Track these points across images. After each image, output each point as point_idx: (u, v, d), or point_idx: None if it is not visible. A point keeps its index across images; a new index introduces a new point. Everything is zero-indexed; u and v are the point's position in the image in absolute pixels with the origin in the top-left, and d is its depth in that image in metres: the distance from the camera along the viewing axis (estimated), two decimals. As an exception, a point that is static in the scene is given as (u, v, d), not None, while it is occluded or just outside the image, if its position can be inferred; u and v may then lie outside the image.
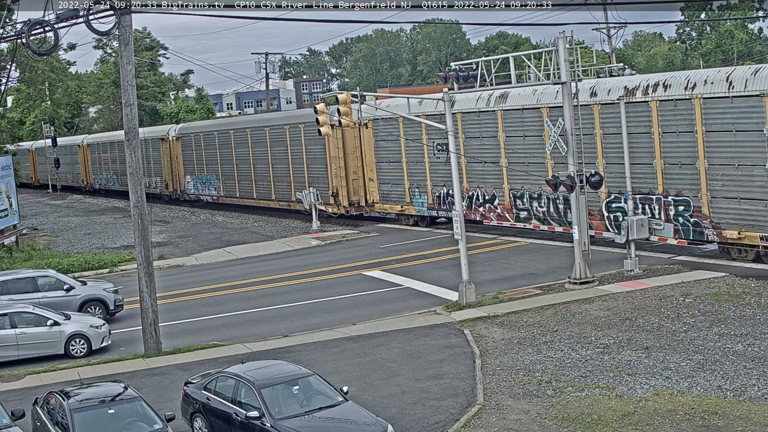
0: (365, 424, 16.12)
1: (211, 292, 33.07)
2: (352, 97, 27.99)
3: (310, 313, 28.42)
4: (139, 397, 17.16)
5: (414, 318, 26.21)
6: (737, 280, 26.77)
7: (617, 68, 39.62)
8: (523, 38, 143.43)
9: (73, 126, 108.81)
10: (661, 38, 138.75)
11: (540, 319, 24.51)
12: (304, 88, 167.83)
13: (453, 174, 27.58)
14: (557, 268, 30.96)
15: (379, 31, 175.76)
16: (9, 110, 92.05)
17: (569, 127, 27.91)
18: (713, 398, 17.74)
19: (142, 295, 24.67)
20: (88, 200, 77.80)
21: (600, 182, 28.26)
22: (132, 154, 24.59)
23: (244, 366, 18.24)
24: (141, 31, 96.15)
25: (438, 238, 40.15)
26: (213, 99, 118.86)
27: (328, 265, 36.43)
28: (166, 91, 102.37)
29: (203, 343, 25.18)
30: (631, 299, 25.70)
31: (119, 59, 25.17)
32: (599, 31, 67.07)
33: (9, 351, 24.81)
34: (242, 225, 51.99)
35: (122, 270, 38.57)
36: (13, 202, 45.44)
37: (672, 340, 21.64)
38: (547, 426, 17.04)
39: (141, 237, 24.66)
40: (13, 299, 27.80)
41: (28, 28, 24.16)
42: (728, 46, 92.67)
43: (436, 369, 21.04)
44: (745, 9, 73.73)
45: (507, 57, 29.36)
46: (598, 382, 19.14)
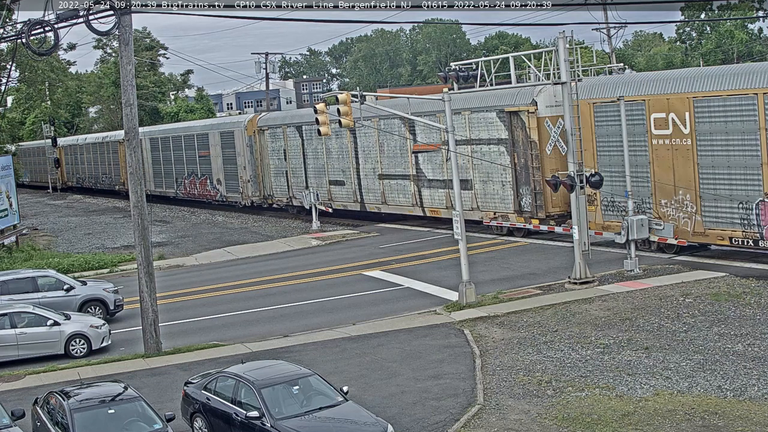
0: (365, 424, 16.11)
1: (211, 292, 33.08)
2: (352, 97, 28.01)
3: (310, 313, 28.42)
4: (139, 397, 17.15)
5: (414, 318, 26.21)
6: (737, 280, 26.78)
7: (617, 68, 39.66)
8: (523, 38, 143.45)
9: (73, 126, 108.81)
10: (661, 38, 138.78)
11: (540, 319, 24.51)
12: (304, 88, 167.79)
13: (453, 174, 27.56)
14: (557, 268, 30.97)
15: (379, 31, 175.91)
16: (9, 110, 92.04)
17: (569, 127, 27.93)
18: (713, 398, 17.74)
19: (142, 295, 24.67)
20: (87, 200, 77.81)
21: (600, 182, 28.26)
22: (132, 154, 24.60)
23: (244, 366, 18.23)
24: (141, 31, 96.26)
25: (438, 238, 40.16)
26: (213, 99, 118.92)
27: (328, 265, 36.44)
28: (166, 91, 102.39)
29: (203, 343, 25.18)
30: (631, 299, 25.71)
31: (119, 59, 25.17)
32: (599, 31, 67.04)
33: (9, 351, 24.81)
34: (242, 225, 52.00)
35: (122, 270, 38.57)
36: (13, 202, 45.44)
37: (672, 340, 21.64)
38: (547, 426, 17.04)
39: (141, 237, 24.66)
40: (13, 299, 27.80)
41: (28, 28, 24.14)
42: (728, 46, 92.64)
43: (436, 369, 21.04)
44: (745, 9, 73.72)
45: (507, 57, 29.38)
46: (598, 382, 19.14)
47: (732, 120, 28.15)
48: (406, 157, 42.84)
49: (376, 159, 44.74)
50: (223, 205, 60.15)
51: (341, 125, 28.00)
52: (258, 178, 55.04)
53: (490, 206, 38.48)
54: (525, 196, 36.50)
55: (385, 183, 44.46)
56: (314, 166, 49.82)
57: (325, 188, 48.79)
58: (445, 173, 39.91)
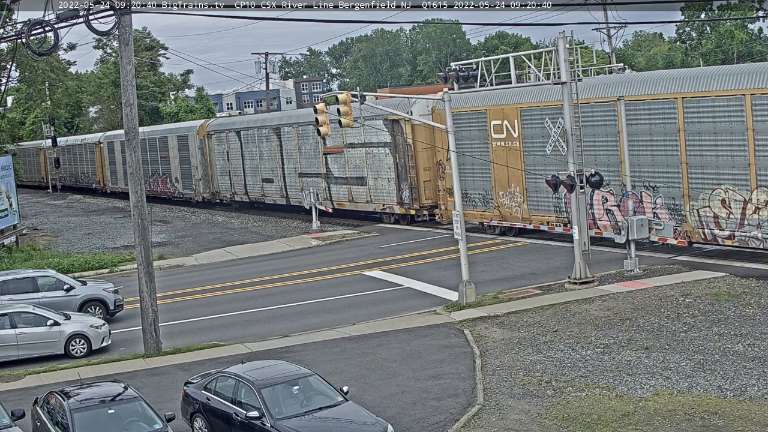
0: (365, 424, 16.11)
1: (211, 292, 33.08)
2: (353, 97, 28.02)
3: (310, 313, 28.42)
4: (139, 397, 17.15)
5: (414, 318, 26.21)
6: (737, 280, 26.77)
7: (617, 68, 39.66)
8: (523, 38, 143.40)
9: (73, 126, 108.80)
10: (661, 38, 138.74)
11: (540, 319, 24.51)
12: (304, 88, 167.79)
13: (453, 173, 27.56)
14: (557, 268, 30.97)
15: (379, 31, 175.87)
16: (9, 110, 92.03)
17: (569, 127, 27.92)
18: (713, 398, 17.74)
19: (142, 295, 24.67)
20: (87, 200, 77.87)
21: (600, 182, 28.27)
22: (132, 154, 24.60)
23: (244, 366, 18.23)
24: (141, 31, 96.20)
25: (438, 238, 40.17)
26: (213, 99, 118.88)
27: (328, 265, 36.44)
28: (166, 91, 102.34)
29: (203, 343, 25.18)
30: (631, 299, 25.70)
31: (119, 59, 25.17)
32: (599, 31, 67.06)
33: (9, 351, 24.81)
34: (242, 225, 52.01)
35: (122, 270, 38.57)
36: (13, 202, 45.44)
37: (672, 340, 21.64)
38: (547, 426, 17.03)
39: (141, 237, 24.66)
40: (13, 299, 27.80)
41: (28, 28, 24.14)
42: (728, 46, 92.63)
43: (436, 369, 21.04)
44: (745, 9, 73.73)
45: (507, 57, 29.37)
46: (598, 382, 19.14)
47: (539, 126, 34.32)
48: (318, 158, 49.59)
49: (297, 160, 51.60)
50: (180, 201, 66.55)
51: (341, 125, 28.03)
52: (208, 177, 61.94)
53: (380, 199, 45.64)
54: (404, 191, 43.83)
55: (303, 180, 51.00)
56: (250, 167, 56.53)
57: (258, 185, 55.58)
58: (347, 172, 47.35)
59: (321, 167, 49.43)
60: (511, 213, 37.07)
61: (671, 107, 29.66)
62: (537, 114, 34.78)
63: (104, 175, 79.89)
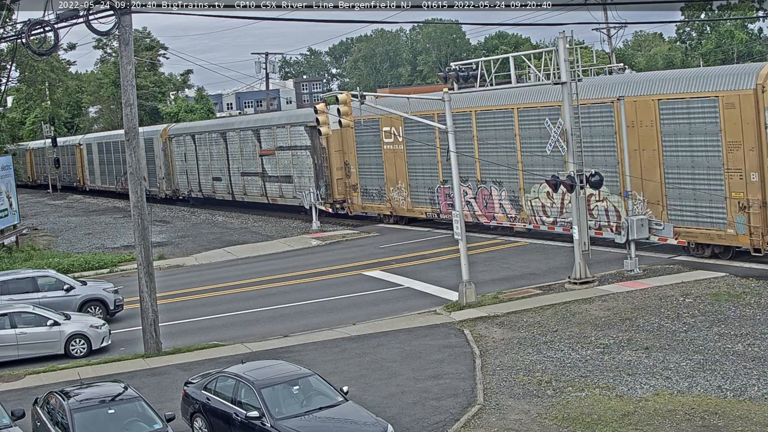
0: (365, 424, 16.11)
1: (211, 292, 33.08)
2: (352, 96, 28.01)
3: (310, 313, 28.42)
4: (139, 397, 17.15)
5: (414, 318, 26.21)
6: (737, 280, 26.77)
7: (617, 68, 39.65)
8: (523, 38, 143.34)
9: (73, 126, 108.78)
10: (661, 38, 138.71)
11: (540, 319, 24.51)
12: (304, 88, 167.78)
13: (453, 173, 27.55)
14: (557, 268, 30.96)
15: (379, 31, 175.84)
16: (9, 110, 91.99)
17: (569, 127, 27.92)
18: (713, 398, 17.74)
19: (142, 295, 24.67)
20: (87, 200, 77.83)
21: (600, 182, 28.26)
22: (132, 154, 24.60)
23: (244, 366, 18.23)
24: (141, 31, 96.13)
25: (438, 238, 40.17)
26: (213, 99, 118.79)
27: (328, 265, 36.44)
28: (166, 91, 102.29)
29: (203, 343, 25.18)
30: (631, 299, 25.70)
31: (119, 59, 25.17)
32: (599, 31, 67.06)
33: (9, 351, 24.81)
34: (242, 225, 52.02)
35: (122, 270, 38.57)
36: (13, 202, 45.43)
37: (672, 340, 21.64)
38: (547, 426, 17.04)
39: (141, 237, 24.66)
40: (13, 299, 27.79)
41: (28, 28, 24.15)
42: (728, 46, 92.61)
43: (436, 369, 21.04)
44: (745, 9, 73.73)
45: (507, 57, 29.37)
46: (598, 382, 19.14)
47: (421, 132, 40.31)
48: (256, 159, 55.06)
49: (240, 161, 57.10)
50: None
51: (341, 126, 28.00)
52: (169, 176, 67.13)
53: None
54: (322, 187, 48.72)
55: (245, 179, 56.71)
56: (203, 167, 61.92)
57: (210, 183, 61.37)
58: (278, 171, 53.03)
59: (258, 167, 54.97)
60: (399, 206, 43.83)
61: (509, 116, 36.33)
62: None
63: (84, 175, 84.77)
